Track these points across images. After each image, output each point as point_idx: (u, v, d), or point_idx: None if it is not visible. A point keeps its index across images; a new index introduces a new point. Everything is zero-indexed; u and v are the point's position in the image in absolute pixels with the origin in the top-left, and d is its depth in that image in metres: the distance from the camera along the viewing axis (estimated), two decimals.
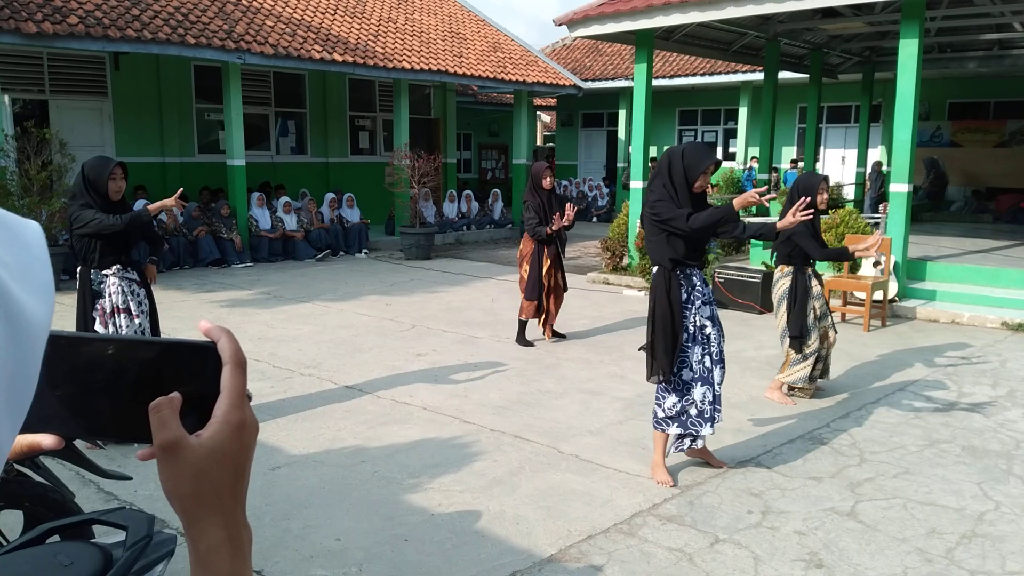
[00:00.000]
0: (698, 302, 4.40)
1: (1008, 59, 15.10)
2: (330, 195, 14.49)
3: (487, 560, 3.56)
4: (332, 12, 15.80)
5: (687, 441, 4.48)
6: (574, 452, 4.87)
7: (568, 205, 7.35)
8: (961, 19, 12.43)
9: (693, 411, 4.41)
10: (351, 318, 8.72)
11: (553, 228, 7.29)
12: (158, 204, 4.96)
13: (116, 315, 4.90)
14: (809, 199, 5.06)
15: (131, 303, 4.94)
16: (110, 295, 4.91)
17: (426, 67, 15.31)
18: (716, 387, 4.44)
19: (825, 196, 5.82)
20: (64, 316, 7.12)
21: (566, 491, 4.30)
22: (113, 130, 13.63)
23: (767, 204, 4.80)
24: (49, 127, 11.44)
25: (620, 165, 21.53)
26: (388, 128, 17.51)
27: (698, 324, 4.38)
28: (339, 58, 13.81)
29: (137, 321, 4.97)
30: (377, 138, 18.02)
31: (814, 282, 5.90)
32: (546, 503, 4.14)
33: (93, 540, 2.03)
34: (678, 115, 23.29)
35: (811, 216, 4.81)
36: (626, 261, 11.56)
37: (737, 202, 4.31)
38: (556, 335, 7.85)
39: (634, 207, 11.51)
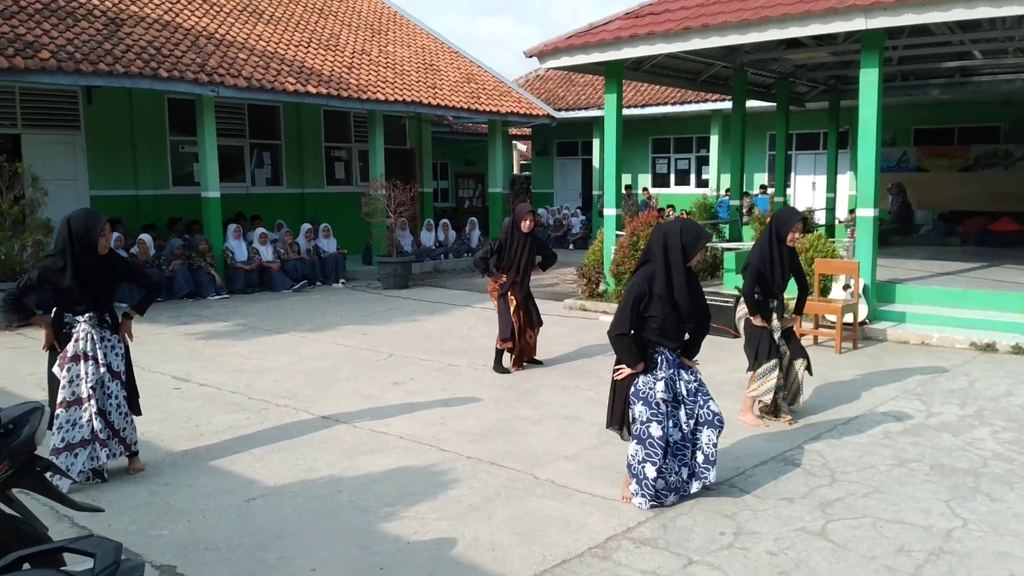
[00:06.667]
0: (662, 375, 4.42)
1: (970, 86, 15.50)
2: (306, 225, 14.51)
3: None
4: (306, 45, 15.92)
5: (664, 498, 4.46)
6: (550, 478, 4.90)
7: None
8: (922, 48, 12.78)
9: (651, 472, 4.35)
10: (328, 348, 8.71)
11: (499, 280, 7.49)
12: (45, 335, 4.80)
13: (78, 362, 4.75)
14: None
15: (99, 351, 4.80)
16: (76, 340, 4.76)
17: (400, 98, 15.45)
18: (695, 445, 4.46)
19: (795, 236, 5.98)
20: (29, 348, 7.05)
21: (542, 517, 4.32)
22: (86, 164, 13.58)
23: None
24: (22, 161, 11.39)
25: (596, 193, 21.75)
26: (364, 158, 17.60)
27: (660, 397, 4.38)
28: (313, 90, 13.91)
29: (103, 370, 4.81)
30: (353, 168, 18.09)
31: (774, 317, 6.05)
32: (522, 529, 4.16)
33: (63, 568, 2.04)
34: (651, 143, 23.61)
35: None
36: (602, 288, 11.65)
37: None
38: (533, 362, 7.90)
39: (608, 234, 11.62)
